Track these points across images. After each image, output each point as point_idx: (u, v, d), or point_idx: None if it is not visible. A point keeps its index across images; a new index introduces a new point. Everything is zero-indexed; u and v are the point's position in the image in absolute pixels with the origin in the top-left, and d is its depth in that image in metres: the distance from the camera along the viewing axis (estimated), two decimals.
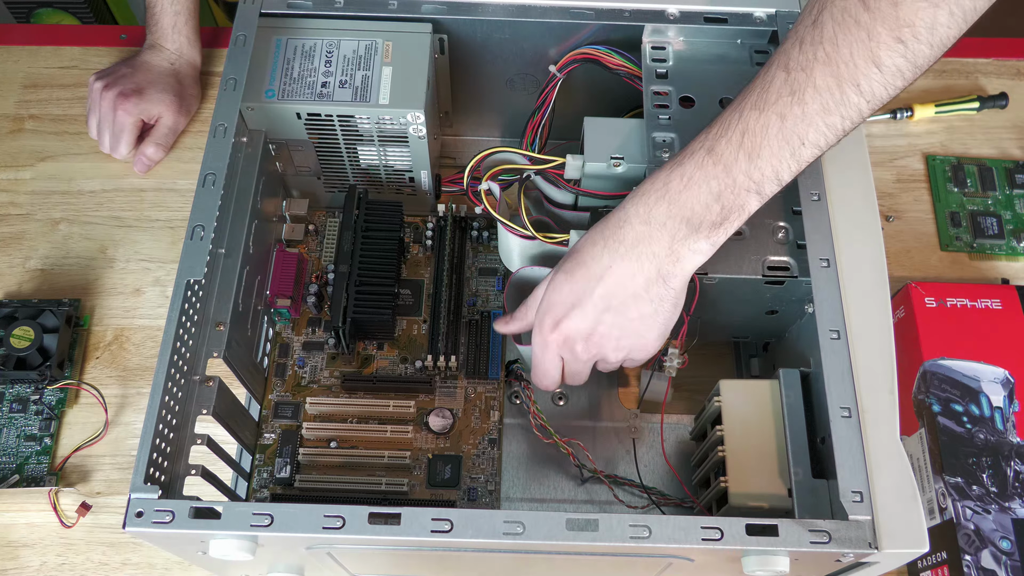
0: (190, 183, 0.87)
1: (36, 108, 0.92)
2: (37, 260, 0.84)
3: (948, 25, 0.48)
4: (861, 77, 0.50)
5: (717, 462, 0.62)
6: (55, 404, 0.77)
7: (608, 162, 0.67)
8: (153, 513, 0.50)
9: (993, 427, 0.69)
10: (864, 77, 0.49)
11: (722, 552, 0.51)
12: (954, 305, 0.75)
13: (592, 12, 0.71)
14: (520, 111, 0.79)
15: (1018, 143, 0.91)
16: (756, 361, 0.76)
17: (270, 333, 0.74)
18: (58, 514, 0.71)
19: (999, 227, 0.86)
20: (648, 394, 0.72)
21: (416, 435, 0.72)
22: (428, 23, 0.71)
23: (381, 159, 0.74)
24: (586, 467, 0.71)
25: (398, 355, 0.75)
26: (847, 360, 0.56)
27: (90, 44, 0.96)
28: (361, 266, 0.72)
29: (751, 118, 0.52)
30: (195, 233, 0.59)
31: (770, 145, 0.52)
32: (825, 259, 0.59)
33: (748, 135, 0.52)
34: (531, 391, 0.71)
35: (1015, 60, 0.96)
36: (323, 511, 0.50)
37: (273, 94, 0.68)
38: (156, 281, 0.83)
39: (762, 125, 0.52)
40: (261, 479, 0.70)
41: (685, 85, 0.69)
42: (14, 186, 0.88)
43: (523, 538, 0.50)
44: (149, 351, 0.80)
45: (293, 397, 0.73)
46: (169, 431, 0.55)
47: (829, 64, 0.50)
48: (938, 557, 0.68)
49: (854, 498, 0.51)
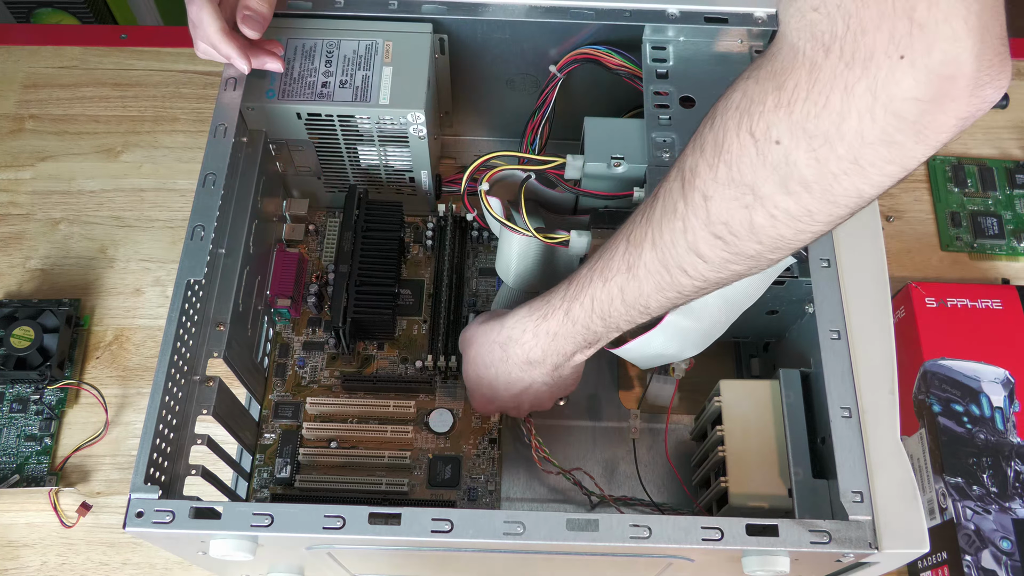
0: (190, 183, 0.87)
1: (36, 108, 0.92)
2: (37, 260, 0.84)
3: (772, 226, 0.44)
4: (686, 265, 0.48)
5: (717, 462, 0.62)
6: (55, 404, 0.77)
7: (608, 162, 0.67)
8: (153, 513, 0.50)
9: (993, 427, 0.69)
10: (689, 266, 0.48)
11: (722, 552, 0.51)
12: (954, 305, 0.75)
13: (592, 12, 0.71)
14: (520, 111, 0.79)
15: (1018, 143, 0.91)
16: (756, 361, 0.76)
17: (270, 333, 0.74)
18: (58, 514, 0.71)
19: (999, 227, 0.86)
20: (649, 397, 0.72)
21: (416, 435, 0.72)
22: (428, 23, 0.71)
23: (381, 159, 0.74)
24: (594, 494, 0.70)
25: (398, 355, 0.75)
26: (847, 360, 0.56)
27: (90, 44, 0.96)
28: (361, 266, 0.72)
29: (597, 286, 0.53)
30: (195, 233, 0.59)
31: (617, 310, 0.53)
32: (825, 259, 0.59)
33: (597, 302, 0.54)
34: (531, 423, 0.69)
35: (1015, 60, 0.96)
36: (323, 511, 0.50)
37: (273, 94, 0.68)
38: (156, 281, 0.83)
39: (607, 295, 0.53)
40: (261, 479, 0.70)
41: (685, 85, 0.69)
42: (14, 186, 0.88)
43: (523, 538, 0.50)
44: (149, 351, 0.80)
45: (293, 397, 0.73)
46: (169, 431, 0.55)
47: (655, 249, 0.49)
48: (938, 557, 0.68)
49: (854, 498, 0.51)
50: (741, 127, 0.43)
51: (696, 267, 0.48)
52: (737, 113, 0.43)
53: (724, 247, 0.46)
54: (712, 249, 0.46)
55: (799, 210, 0.43)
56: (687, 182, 0.46)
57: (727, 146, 0.43)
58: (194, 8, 0.63)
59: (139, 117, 0.92)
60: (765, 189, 0.43)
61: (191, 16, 0.63)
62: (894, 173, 0.41)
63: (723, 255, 0.47)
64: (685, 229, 0.47)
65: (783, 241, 0.45)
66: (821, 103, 0.39)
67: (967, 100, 0.38)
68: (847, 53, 0.38)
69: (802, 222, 0.44)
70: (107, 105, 0.92)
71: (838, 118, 0.39)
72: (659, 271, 0.49)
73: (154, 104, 0.92)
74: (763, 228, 0.44)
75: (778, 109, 0.41)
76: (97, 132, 0.91)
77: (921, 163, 0.41)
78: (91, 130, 0.91)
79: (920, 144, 0.39)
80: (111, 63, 0.95)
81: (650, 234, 0.49)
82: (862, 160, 0.40)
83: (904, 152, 0.40)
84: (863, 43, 0.38)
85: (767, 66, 0.42)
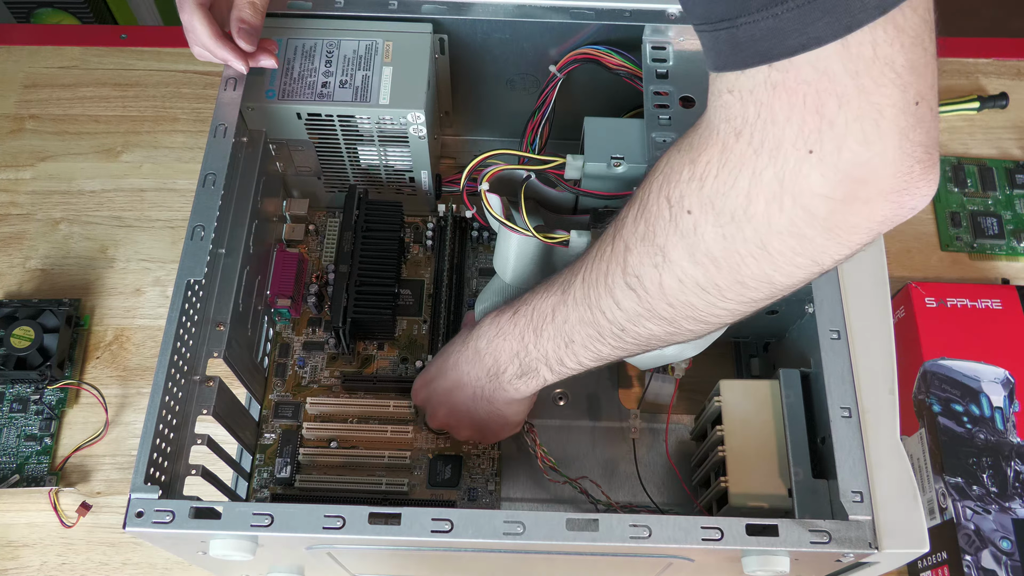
0: (190, 183, 0.88)
1: (36, 108, 0.92)
2: (37, 260, 0.84)
3: (681, 291, 0.45)
4: (605, 308, 0.49)
5: (717, 462, 0.62)
6: (55, 404, 0.77)
7: (608, 162, 0.67)
8: (153, 513, 0.50)
9: (993, 427, 0.69)
10: (607, 309, 0.49)
11: (722, 552, 0.51)
12: (954, 305, 0.75)
13: (592, 12, 0.71)
14: (520, 111, 0.79)
15: (1018, 143, 0.91)
16: (756, 361, 0.76)
17: (270, 333, 0.74)
18: (58, 514, 0.71)
19: (999, 227, 0.86)
20: (649, 396, 0.72)
21: (416, 435, 0.72)
22: (428, 23, 0.71)
23: (381, 159, 0.74)
24: (600, 502, 0.69)
25: (398, 355, 0.75)
26: (847, 360, 0.56)
27: (90, 44, 0.96)
28: (361, 266, 0.72)
29: (540, 297, 0.55)
30: (195, 233, 0.59)
31: (547, 331, 0.54)
32: None
33: (536, 313, 0.55)
34: (535, 434, 0.69)
35: (1015, 60, 0.96)
36: (323, 511, 0.50)
37: (273, 94, 0.68)
38: (156, 281, 0.83)
39: (544, 310, 0.54)
40: (261, 479, 0.70)
41: (685, 85, 0.69)
42: (14, 186, 0.88)
43: (523, 538, 0.50)
44: (149, 351, 0.80)
45: (293, 397, 0.73)
46: (169, 431, 0.55)
47: (584, 283, 0.50)
48: (938, 557, 0.68)
49: (854, 498, 0.51)
50: (661, 191, 0.44)
51: (612, 312, 0.49)
52: (660, 177, 0.44)
53: (637, 300, 0.47)
54: (626, 298, 0.48)
55: (706, 282, 0.44)
56: (617, 230, 0.48)
57: (648, 206, 0.45)
58: (185, 16, 0.63)
59: (139, 117, 0.92)
60: (674, 254, 0.44)
61: (184, 23, 0.64)
62: (805, 265, 0.41)
63: (636, 308, 0.48)
64: (607, 272, 0.48)
65: (694, 310, 0.46)
66: (730, 183, 0.40)
67: (880, 205, 0.38)
68: (756, 140, 0.38)
69: (710, 294, 0.44)
70: (107, 105, 0.92)
71: (745, 200, 0.39)
72: (585, 304, 0.51)
73: (154, 104, 0.93)
74: (672, 291, 0.45)
75: (691, 181, 0.42)
76: (97, 132, 0.91)
77: (838, 262, 0.41)
78: (91, 130, 0.91)
79: (831, 242, 0.39)
80: (111, 63, 0.95)
81: (583, 267, 0.51)
82: (770, 247, 0.40)
83: (814, 246, 0.40)
84: (772, 133, 0.37)
85: (689, 138, 0.43)
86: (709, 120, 0.41)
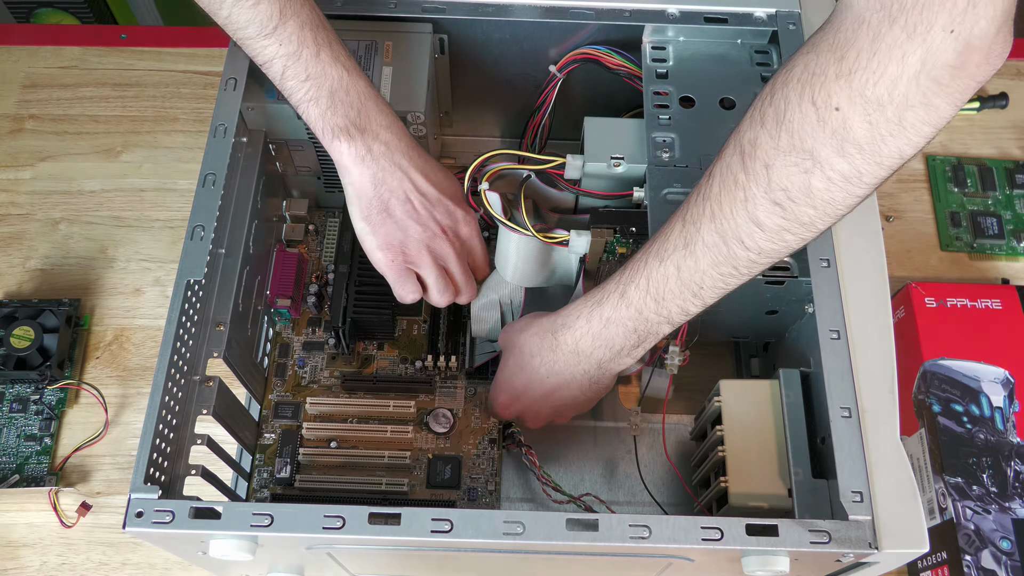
0: (190, 183, 0.88)
1: (36, 108, 0.92)
2: (37, 260, 0.84)
3: (827, 189, 0.48)
4: (744, 235, 0.51)
5: (717, 462, 0.62)
6: (55, 404, 0.77)
7: (608, 162, 0.67)
8: (153, 513, 0.50)
9: (993, 427, 0.69)
10: (747, 235, 0.51)
11: (722, 552, 0.51)
12: (954, 305, 0.75)
13: (592, 12, 0.71)
14: (520, 111, 0.79)
15: (1018, 143, 0.91)
16: (756, 361, 0.76)
17: (270, 333, 0.74)
18: (58, 514, 0.71)
19: (999, 227, 0.86)
20: (649, 392, 0.71)
21: (416, 435, 0.72)
22: (428, 23, 0.71)
23: None
24: None
25: (398, 355, 0.75)
26: (847, 360, 0.56)
27: (90, 44, 0.96)
28: (361, 266, 0.72)
29: (653, 267, 0.56)
30: (195, 233, 0.59)
31: (672, 291, 0.56)
32: (825, 259, 0.59)
33: (652, 282, 0.56)
34: (534, 456, 0.69)
35: (1015, 60, 0.96)
36: (323, 511, 0.50)
37: (273, 94, 0.68)
38: (156, 281, 0.83)
39: (662, 275, 0.55)
40: (261, 479, 0.70)
41: (685, 85, 0.69)
42: (14, 186, 0.88)
43: (523, 538, 0.50)
44: (149, 351, 0.80)
45: (293, 397, 0.73)
46: (169, 431, 0.55)
47: (714, 221, 0.52)
48: (938, 557, 0.68)
49: (854, 498, 0.51)
50: (803, 97, 0.46)
51: (753, 237, 0.51)
52: (799, 85, 0.47)
53: (782, 214, 0.49)
54: (770, 217, 0.49)
55: (851, 172, 0.47)
56: (747, 154, 0.49)
57: (788, 116, 0.47)
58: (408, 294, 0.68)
59: (139, 117, 0.92)
60: (823, 153, 0.46)
61: None
62: (928, 133, 0.46)
63: (780, 222, 0.49)
64: (746, 199, 0.50)
65: (833, 206, 0.49)
66: (880, 71, 0.43)
67: (984, 68, 0.43)
68: (910, 24, 0.42)
69: (852, 184, 0.47)
70: (107, 105, 0.92)
71: (891, 85, 0.44)
72: (717, 244, 0.52)
73: (154, 104, 0.93)
74: (819, 192, 0.48)
75: (839, 79, 0.45)
76: (97, 132, 0.91)
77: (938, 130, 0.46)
78: (91, 130, 0.91)
79: (949, 105, 0.45)
80: (111, 63, 0.95)
81: (708, 209, 0.52)
82: (905, 122, 0.45)
83: (938, 113, 0.45)
84: (926, 16, 0.41)
85: (828, 39, 0.46)
86: (856, 14, 0.44)
